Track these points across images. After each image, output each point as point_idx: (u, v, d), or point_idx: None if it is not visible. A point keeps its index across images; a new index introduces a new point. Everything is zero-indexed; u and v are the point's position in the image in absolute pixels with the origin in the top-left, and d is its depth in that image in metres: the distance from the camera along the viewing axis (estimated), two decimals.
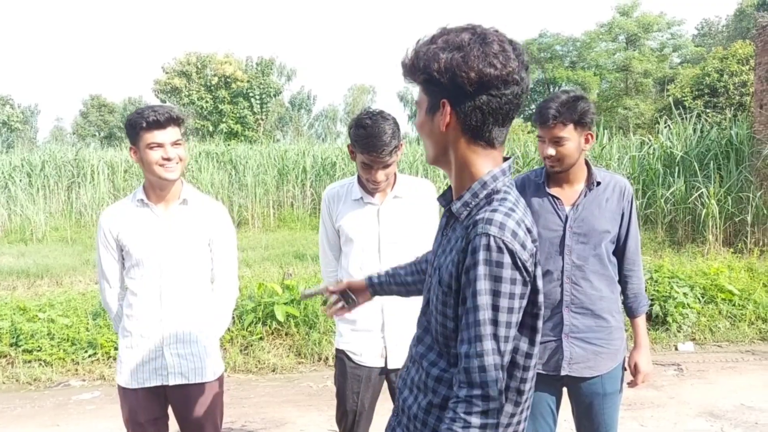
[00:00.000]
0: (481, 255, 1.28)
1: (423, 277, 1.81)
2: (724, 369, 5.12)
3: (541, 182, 2.42)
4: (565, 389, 2.48)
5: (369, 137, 2.37)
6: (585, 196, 2.37)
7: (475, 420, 1.28)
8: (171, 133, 2.33)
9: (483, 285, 1.29)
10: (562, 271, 2.36)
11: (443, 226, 1.51)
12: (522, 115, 34.05)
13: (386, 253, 2.53)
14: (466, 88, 1.30)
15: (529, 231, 1.35)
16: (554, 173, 2.38)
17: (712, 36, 38.70)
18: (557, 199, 2.39)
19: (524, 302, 1.34)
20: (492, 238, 1.28)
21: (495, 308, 1.29)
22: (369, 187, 2.54)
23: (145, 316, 2.40)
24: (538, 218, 2.39)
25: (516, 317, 1.32)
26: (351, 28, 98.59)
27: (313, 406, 4.52)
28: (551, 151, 2.30)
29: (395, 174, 2.59)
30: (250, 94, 34.77)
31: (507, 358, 1.32)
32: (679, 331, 5.83)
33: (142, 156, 2.34)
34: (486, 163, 1.39)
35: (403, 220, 2.57)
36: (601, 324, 2.38)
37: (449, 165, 1.44)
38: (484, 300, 1.29)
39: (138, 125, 2.30)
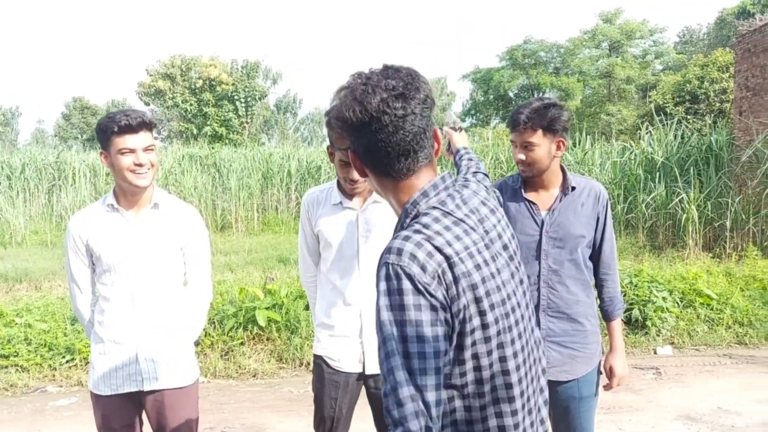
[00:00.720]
0: (382, 285, 1.24)
1: None
2: (701, 372, 5.18)
3: (518, 187, 2.46)
4: None
5: None
6: (560, 200, 2.41)
7: None
8: (143, 138, 2.30)
9: (386, 316, 1.22)
10: (539, 276, 2.38)
11: None
12: (505, 121, 34.24)
13: (365, 257, 2.53)
14: (348, 132, 1.35)
15: (439, 249, 1.27)
16: (527, 178, 2.42)
17: (693, 43, 39.23)
18: (533, 204, 2.42)
19: (441, 329, 1.24)
20: (389, 266, 1.24)
21: (403, 339, 1.21)
22: (347, 187, 2.52)
23: (118, 322, 2.38)
24: (515, 223, 2.41)
25: (432, 346, 1.22)
26: (338, 31, 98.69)
27: (293, 412, 4.50)
28: (521, 156, 2.35)
29: None
30: (235, 97, 34.63)
31: (433, 394, 1.21)
32: (658, 335, 5.89)
33: (113, 161, 2.31)
34: (405, 193, 1.38)
35: (382, 225, 2.55)
36: (577, 328, 2.40)
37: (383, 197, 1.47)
38: (389, 331, 1.22)
39: (109, 130, 2.28)
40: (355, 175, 2.42)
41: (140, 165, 2.29)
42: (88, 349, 5.18)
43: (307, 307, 5.68)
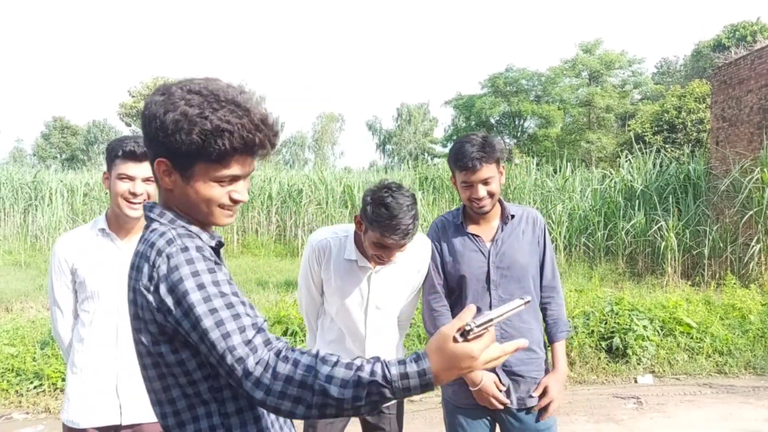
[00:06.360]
0: (167, 266, 1.37)
1: None
2: (682, 402, 5.15)
3: (459, 222, 2.47)
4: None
5: (391, 219, 2.13)
6: (502, 230, 2.43)
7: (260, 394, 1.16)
8: (145, 168, 2.18)
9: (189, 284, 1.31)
10: (490, 307, 2.36)
11: None
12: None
13: (372, 316, 2.44)
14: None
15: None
16: (484, 214, 2.40)
17: (670, 74, 40.06)
18: (477, 236, 2.43)
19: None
20: (173, 243, 1.38)
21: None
22: (371, 257, 2.34)
23: (99, 351, 2.26)
24: (462, 257, 2.42)
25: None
26: (320, 55, 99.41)
27: None
28: (483, 192, 2.33)
29: None
30: None
31: (250, 320, 1.24)
32: (638, 364, 5.86)
33: (111, 184, 2.24)
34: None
35: (394, 285, 2.45)
36: (532, 356, 2.42)
37: None
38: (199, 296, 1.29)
39: (114, 152, 2.21)
40: (391, 256, 2.26)
41: (135, 194, 2.21)
42: (58, 374, 5.05)
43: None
